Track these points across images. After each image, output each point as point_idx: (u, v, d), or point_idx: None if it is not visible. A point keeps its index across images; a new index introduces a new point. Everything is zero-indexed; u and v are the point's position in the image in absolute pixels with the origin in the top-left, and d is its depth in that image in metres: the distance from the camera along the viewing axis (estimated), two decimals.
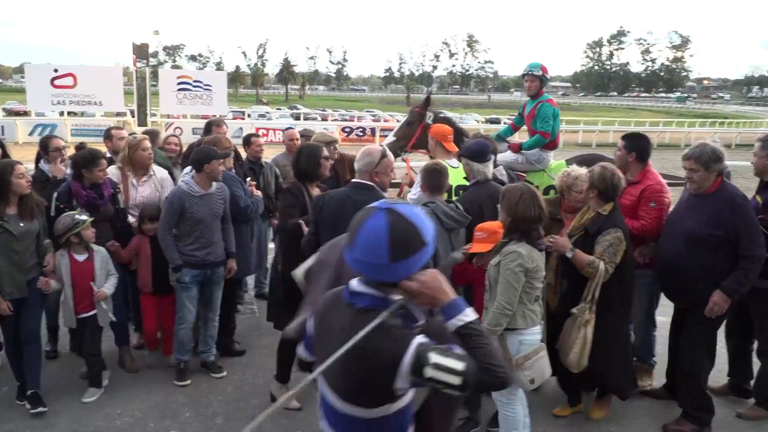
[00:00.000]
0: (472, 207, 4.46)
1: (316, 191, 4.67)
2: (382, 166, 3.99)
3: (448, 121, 6.49)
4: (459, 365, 1.83)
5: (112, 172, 5.40)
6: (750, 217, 4.24)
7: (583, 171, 4.64)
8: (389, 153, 4.08)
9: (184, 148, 6.58)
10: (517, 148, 6.26)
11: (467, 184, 5.01)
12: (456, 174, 5.05)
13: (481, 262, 4.14)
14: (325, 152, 4.88)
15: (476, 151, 4.67)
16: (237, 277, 5.52)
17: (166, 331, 5.41)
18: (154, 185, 5.52)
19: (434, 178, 4.28)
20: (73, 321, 4.83)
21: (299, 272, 3.07)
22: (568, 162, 5.97)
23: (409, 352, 1.87)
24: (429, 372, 1.84)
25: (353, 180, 4.06)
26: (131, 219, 5.38)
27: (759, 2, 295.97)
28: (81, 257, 4.81)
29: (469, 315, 1.95)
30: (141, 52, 25.63)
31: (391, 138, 6.56)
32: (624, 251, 4.25)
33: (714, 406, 4.55)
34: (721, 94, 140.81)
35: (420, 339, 1.90)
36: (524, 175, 6.12)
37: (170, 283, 5.09)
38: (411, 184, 5.56)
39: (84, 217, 4.75)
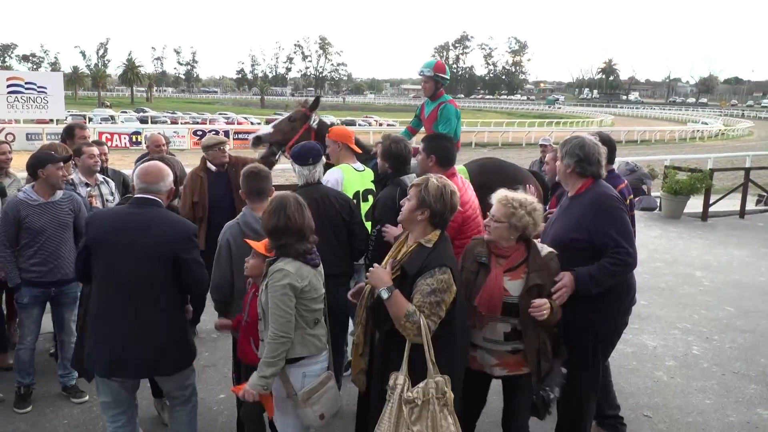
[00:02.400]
0: None
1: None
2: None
3: (325, 125, 5.91)
4: None
5: None
6: (618, 219, 3.57)
7: (504, 192, 3.47)
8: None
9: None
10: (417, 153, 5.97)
11: (373, 188, 4.92)
12: (362, 177, 4.98)
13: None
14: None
15: (296, 153, 4.44)
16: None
17: None
18: None
19: (252, 183, 3.92)
20: None
21: None
22: (466, 166, 5.95)
23: None
24: None
25: (137, 195, 3.61)
26: None
27: (589, 11, 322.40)
28: None
29: None
30: None
31: (267, 129, 5.85)
32: (454, 299, 3.14)
33: None
34: (556, 96, 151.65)
35: None
36: None
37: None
38: None
39: None
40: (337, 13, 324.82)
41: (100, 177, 5.54)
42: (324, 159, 4.53)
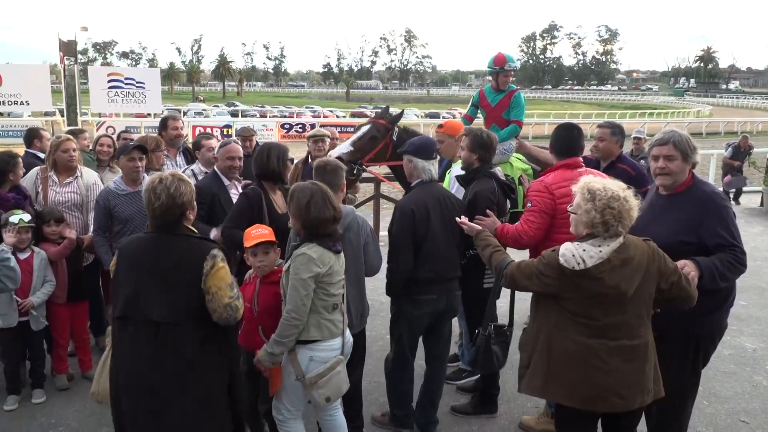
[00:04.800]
0: (418, 209, 4.00)
1: (278, 195, 4.38)
2: None
3: (408, 132, 5.67)
4: None
5: (31, 173, 5.26)
6: (729, 220, 3.39)
7: (588, 179, 3.14)
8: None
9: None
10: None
11: None
12: None
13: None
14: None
15: (419, 146, 4.17)
16: None
17: (79, 343, 5.20)
18: (78, 187, 5.28)
19: (319, 176, 3.76)
20: (13, 319, 4.63)
21: None
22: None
23: None
24: None
25: None
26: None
27: None
28: (23, 255, 4.66)
29: None
30: (69, 49, 24.82)
31: (347, 147, 5.57)
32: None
33: None
34: (649, 86, 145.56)
35: None
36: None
37: None
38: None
39: (27, 216, 4.62)
40: (423, 5, 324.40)
41: None
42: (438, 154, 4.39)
